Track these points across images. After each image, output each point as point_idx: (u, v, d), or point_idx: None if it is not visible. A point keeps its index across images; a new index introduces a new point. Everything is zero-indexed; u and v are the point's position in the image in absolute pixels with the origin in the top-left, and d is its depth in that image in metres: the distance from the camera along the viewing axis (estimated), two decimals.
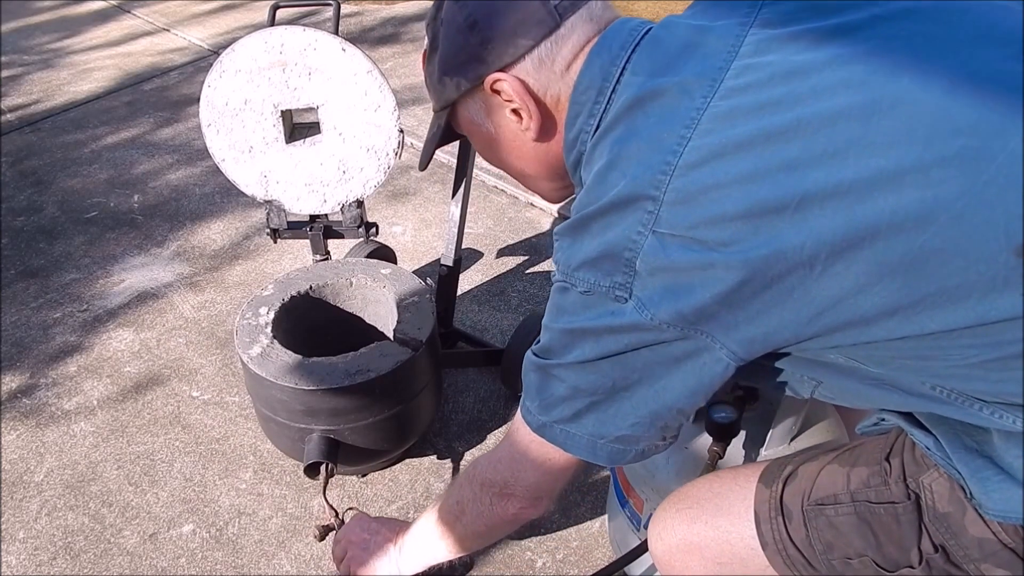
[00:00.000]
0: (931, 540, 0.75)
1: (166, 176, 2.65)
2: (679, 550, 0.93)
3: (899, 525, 0.77)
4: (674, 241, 0.67)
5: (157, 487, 1.63)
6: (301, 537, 1.52)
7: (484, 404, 1.79)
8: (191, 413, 1.80)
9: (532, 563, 1.46)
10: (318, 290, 1.57)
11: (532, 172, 0.93)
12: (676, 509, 0.95)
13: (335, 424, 1.38)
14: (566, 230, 0.77)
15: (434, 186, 2.55)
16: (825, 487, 0.83)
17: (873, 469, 0.80)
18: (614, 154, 0.73)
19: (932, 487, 0.75)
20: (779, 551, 0.85)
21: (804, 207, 0.62)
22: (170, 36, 3.68)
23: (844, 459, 0.84)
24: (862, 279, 0.63)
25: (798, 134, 0.64)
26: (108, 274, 2.23)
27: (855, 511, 0.80)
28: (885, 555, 0.78)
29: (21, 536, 1.54)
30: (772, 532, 0.86)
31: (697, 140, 0.67)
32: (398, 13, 3.80)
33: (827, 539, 0.81)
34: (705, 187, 0.66)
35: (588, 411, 0.80)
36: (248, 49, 1.48)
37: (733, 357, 0.71)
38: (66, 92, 3.21)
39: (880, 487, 0.79)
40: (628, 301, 0.71)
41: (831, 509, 0.82)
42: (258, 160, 1.57)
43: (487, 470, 0.97)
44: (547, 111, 0.83)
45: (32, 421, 1.79)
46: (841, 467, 0.83)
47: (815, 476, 0.85)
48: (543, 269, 2.19)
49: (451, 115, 0.91)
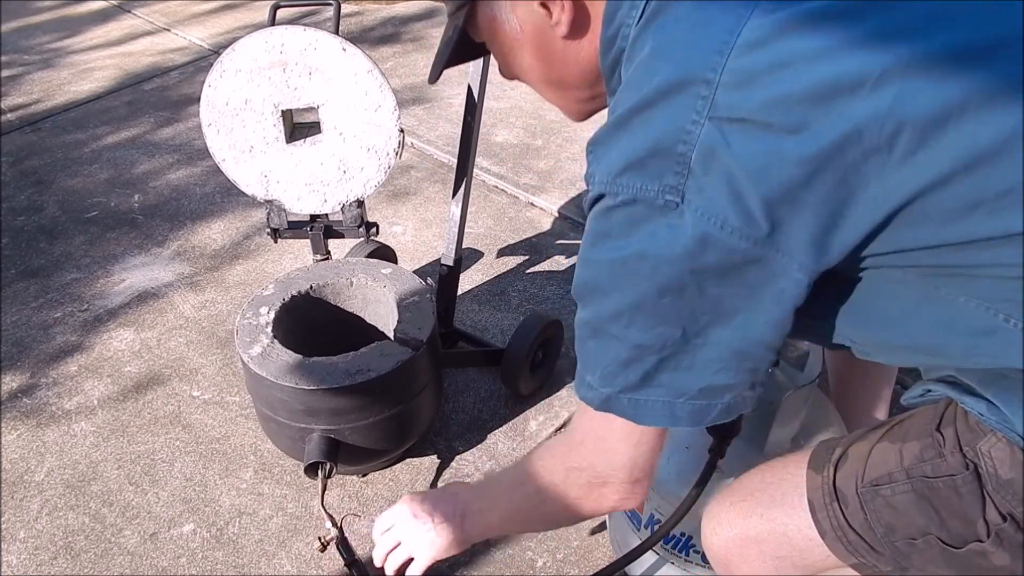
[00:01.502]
0: (997, 509, 0.70)
1: (166, 176, 2.65)
2: (736, 545, 0.89)
3: (960, 497, 0.73)
4: (735, 128, 0.59)
5: (158, 487, 1.63)
6: (302, 537, 1.52)
7: (484, 404, 1.79)
8: (191, 413, 1.80)
9: (532, 563, 1.46)
10: (318, 290, 1.57)
11: (558, 77, 0.82)
12: (729, 503, 0.91)
13: (335, 424, 1.38)
14: (601, 136, 0.67)
15: (434, 186, 2.55)
16: (878, 466, 0.79)
17: (925, 442, 0.76)
18: (659, 40, 0.65)
19: (991, 453, 0.70)
20: (839, 538, 0.81)
21: (883, 83, 0.56)
22: (170, 36, 3.68)
23: (894, 435, 0.80)
24: (945, 165, 0.56)
25: (874, 6, 0.58)
26: (108, 274, 2.23)
27: (912, 488, 0.75)
28: (950, 530, 0.74)
29: (22, 536, 1.55)
30: (829, 519, 0.82)
31: (758, 18, 0.60)
32: (398, 13, 3.80)
33: (887, 520, 0.77)
34: (769, 66, 0.58)
35: (659, 370, 0.70)
36: (248, 49, 1.48)
37: (806, 270, 0.63)
38: (66, 92, 3.21)
39: (935, 460, 0.74)
40: (682, 209, 0.61)
41: (887, 489, 0.77)
42: (258, 160, 1.57)
43: (570, 455, 0.85)
44: (580, 3, 0.74)
45: (32, 421, 1.79)
46: (892, 444, 0.79)
47: (866, 456, 0.81)
48: (543, 269, 2.19)
49: (469, 17, 0.81)
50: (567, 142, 2.73)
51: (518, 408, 1.77)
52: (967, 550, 0.74)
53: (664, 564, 1.24)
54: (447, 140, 2.76)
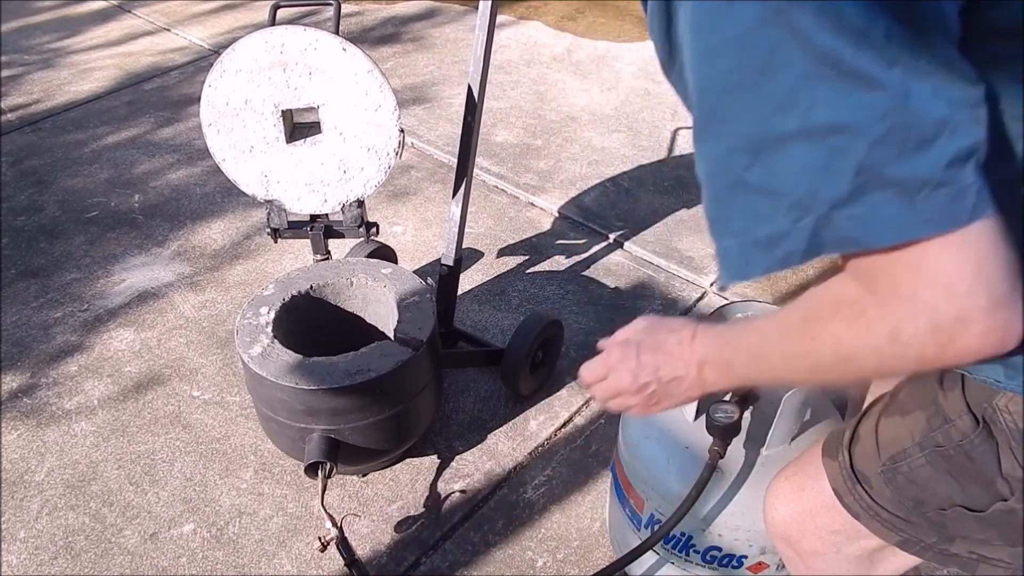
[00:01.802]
0: (1019, 463, 0.69)
1: (167, 176, 2.65)
2: (795, 520, 0.90)
3: (973, 461, 0.73)
4: None
5: (158, 487, 1.63)
6: (302, 537, 1.53)
7: (484, 404, 1.79)
8: (192, 413, 1.80)
9: (532, 563, 1.46)
10: (319, 290, 1.57)
11: None
12: (785, 477, 0.92)
13: (336, 424, 1.38)
14: None
15: (434, 186, 2.55)
16: (891, 443, 0.79)
17: (929, 412, 0.76)
18: None
19: (1009, 408, 0.69)
20: (874, 518, 0.82)
21: None
22: (170, 36, 3.68)
23: (895, 408, 0.80)
24: None
25: None
26: (109, 274, 2.23)
27: (927, 460, 0.75)
28: (972, 496, 0.74)
29: (22, 536, 1.55)
30: (858, 503, 0.82)
31: None
32: (398, 13, 3.80)
33: (913, 495, 0.78)
34: None
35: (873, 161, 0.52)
36: (249, 49, 1.48)
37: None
38: (67, 92, 3.21)
39: (944, 427, 0.74)
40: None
41: (904, 465, 0.77)
42: (259, 160, 1.57)
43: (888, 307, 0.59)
44: None
45: (33, 421, 1.79)
46: (898, 417, 0.79)
47: (875, 432, 0.81)
48: (543, 269, 2.19)
49: None
50: (567, 142, 2.73)
51: (518, 408, 1.77)
52: (993, 511, 0.74)
53: (664, 564, 1.24)
54: (447, 140, 2.76)
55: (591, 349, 1.96)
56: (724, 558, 1.15)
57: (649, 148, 2.69)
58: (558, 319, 1.76)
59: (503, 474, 1.63)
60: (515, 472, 1.64)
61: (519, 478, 1.62)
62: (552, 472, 1.63)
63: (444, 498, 1.59)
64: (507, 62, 3.26)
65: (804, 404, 1.12)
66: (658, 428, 1.18)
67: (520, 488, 1.60)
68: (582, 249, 2.25)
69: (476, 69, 1.56)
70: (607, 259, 2.21)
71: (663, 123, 2.83)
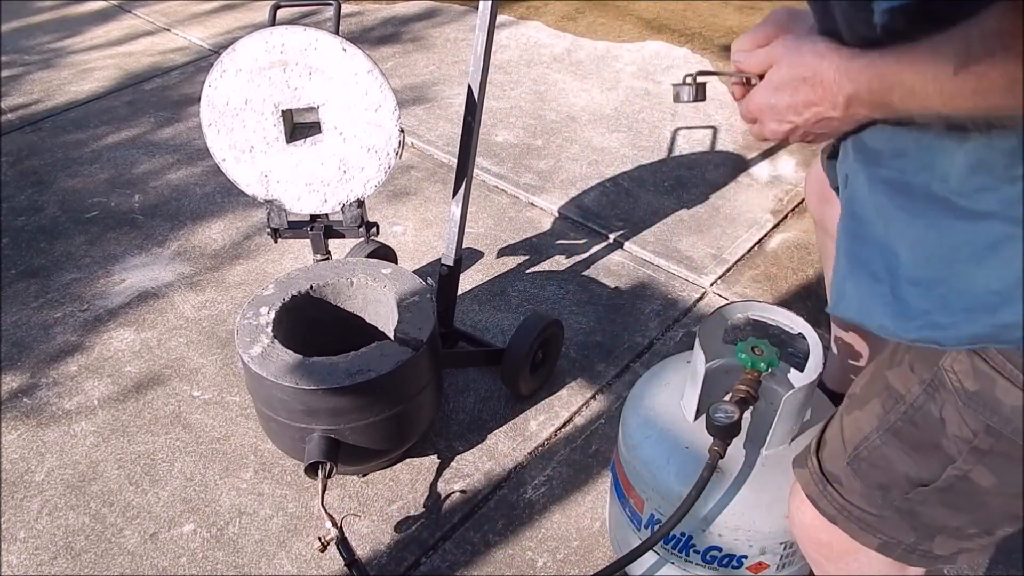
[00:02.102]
0: (969, 426, 0.73)
1: (167, 176, 2.65)
2: (821, 521, 0.91)
3: (918, 427, 0.76)
4: None
5: (158, 487, 1.63)
6: (302, 537, 1.53)
7: (485, 404, 1.79)
8: (192, 413, 1.80)
9: (532, 563, 1.46)
10: (319, 290, 1.57)
11: None
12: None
13: (336, 424, 1.38)
14: None
15: (435, 186, 2.55)
16: (854, 436, 0.83)
17: (882, 396, 0.80)
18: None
19: (953, 367, 0.72)
20: (848, 518, 0.85)
21: None
22: (171, 36, 3.68)
23: (853, 404, 0.84)
24: None
25: None
26: (109, 274, 2.23)
27: (882, 441, 0.80)
28: (924, 467, 0.77)
29: (22, 536, 1.55)
30: (831, 504, 0.85)
31: None
32: (398, 13, 3.80)
33: (877, 480, 0.81)
34: None
35: None
36: (249, 49, 1.48)
37: None
38: (67, 92, 3.21)
39: (896, 406, 0.78)
40: None
41: (865, 450, 0.81)
42: (259, 160, 1.57)
43: None
44: None
45: (33, 421, 1.80)
46: (859, 411, 0.82)
47: (840, 432, 0.84)
48: (544, 269, 2.19)
49: None
50: (567, 142, 2.73)
51: (518, 408, 1.77)
52: (948, 477, 0.76)
53: (664, 564, 1.24)
54: (447, 140, 2.76)
55: (591, 349, 1.97)
56: (724, 558, 1.15)
57: (649, 148, 2.69)
58: (558, 319, 1.76)
59: (503, 474, 1.63)
60: (515, 472, 1.64)
61: (519, 478, 1.62)
62: (552, 472, 1.63)
63: (444, 498, 1.59)
64: (507, 62, 3.26)
65: (804, 404, 1.12)
66: (658, 428, 1.18)
67: (520, 488, 1.60)
68: (582, 249, 2.26)
69: (476, 69, 1.56)
70: (607, 259, 2.21)
71: (663, 123, 2.83)
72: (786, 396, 1.05)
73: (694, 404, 1.16)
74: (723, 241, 2.26)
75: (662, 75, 3.11)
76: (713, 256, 2.20)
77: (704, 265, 2.17)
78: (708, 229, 2.31)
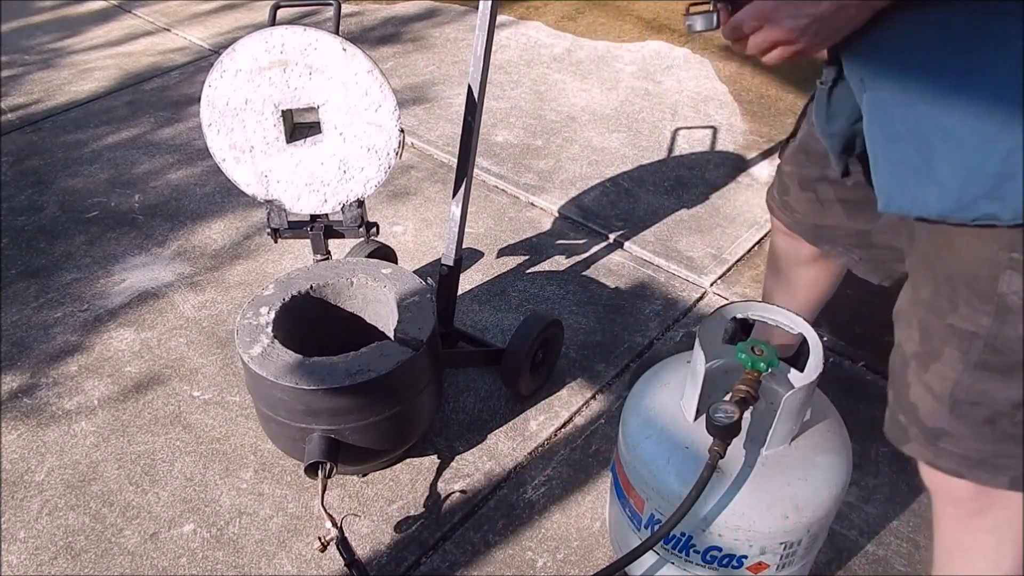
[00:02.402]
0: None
1: (167, 176, 2.65)
2: (944, 482, 0.96)
3: (1002, 354, 0.83)
4: None
5: (158, 487, 1.63)
6: (302, 537, 1.53)
7: (485, 404, 1.79)
8: (192, 413, 1.80)
9: (532, 563, 1.46)
10: (319, 290, 1.57)
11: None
12: None
13: (336, 424, 1.38)
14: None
15: (435, 186, 2.55)
16: (945, 386, 0.89)
17: (953, 342, 0.86)
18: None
19: (1011, 289, 0.79)
20: (974, 466, 0.90)
21: None
22: (171, 36, 3.68)
23: (925, 360, 0.91)
24: None
25: None
26: (109, 274, 2.23)
27: (973, 378, 0.86)
28: (1021, 385, 0.84)
29: (22, 536, 1.55)
30: (950, 459, 0.91)
31: None
32: (398, 13, 3.80)
33: (983, 416, 0.88)
34: None
35: None
36: (249, 49, 1.48)
37: None
38: (67, 92, 3.21)
39: (973, 343, 0.85)
40: None
41: (961, 393, 0.87)
42: (259, 160, 1.57)
43: None
44: None
45: (33, 421, 1.80)
46: (937, 364, 0.89)
47: (928, 390, 0.91)
48: (543, 269, 2.19)
49: None
50: (567, 142, 2.73)
51: (518, 408, 1.77)
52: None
53: (664, 564, 1.24)
54: (447, 140, 2.76)
55: (591, 349, 1.97)
56: (724, 558, 1.15)
57: (649, 148, 2.69)
58: (558, 319, 1.76)
59: (503, 474, 1.63)
60: (515, 472, 1.64)
61: (519, 478, 1.62)
62: (552, 472, 1.63)
63: (444, 498, 1.59)
64: (507, 62, 3.26)
65: (804, 404, 1.12)
66: (658, 428, 1.18)
67: (520, 488, 1.60)
68: (582, 249, 2.26)
69: (476, 69, 1.56)
70: (607, 259, 2.21)
71: (663, 123, 2.83)
72: (786, 396, 1.05)
73: (694, 404, 1.16)
74: (723, 241, 2.26)
75: (662, 75, 3.11)
76: (713, 256, 2.21)
77: (704, 265, 2.17)
78: (708, 229, 2.31)
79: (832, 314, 2.01)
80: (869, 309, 2.02)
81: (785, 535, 1.11)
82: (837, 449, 1.16)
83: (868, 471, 1.61)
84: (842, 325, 1.97)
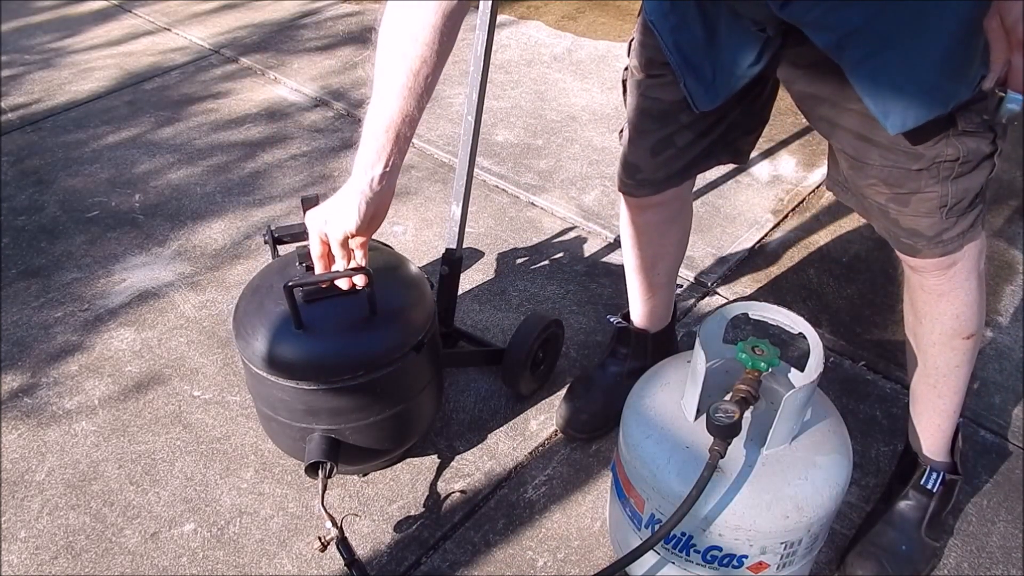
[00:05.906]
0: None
1: (167, 175, 2.65)
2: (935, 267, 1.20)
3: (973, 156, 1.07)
4: None
5: (158, 486, 1.63)
6: (302, 536, 1.53)
7: (485, 403, 1.79)
8: (192, 412, 1.80)
9: (533, 563, 1.46)
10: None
11: None
12: None
13: (336, 423, 1.38)
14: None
15: (435, 185, 2.55)
16: (938, 201, 1.11)
17: (925, 178, 1.08)
18: None
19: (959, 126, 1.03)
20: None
21: None
22: (171, 35, 3.68)
23: (901, 204, 1.13)
24: None
25: None
26: (109, 273, 2.23)
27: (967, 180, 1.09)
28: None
29: (22, 535, 1.55)
30: (946, 246, 1.15)
31: None
32: None
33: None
34: None
35: None
36: None
37: None
38: (67, 91, 3.21)
39: (946, 164, 1.07)
40: None
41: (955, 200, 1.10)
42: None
43: None
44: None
45: (33, 420, 1.80)
46: (916, 196, 1.11)
47: (919, 217, 1.13)
48: (544, 268, 2.19)
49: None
50: (568, 142, 2.73)
51: (518, 408, 1.77)
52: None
53: (664, 564, 1.24)
54: (447, 140, 2.76)
55: (591, 349, 1.97)
56: (724, 558, 1.15)
57: None
58: (559, 319, 1.76)
59: (503, 474, 1.63)
60: (515, 472, 1.64)
61: (519, 478, 1.63)
62: (553, 472, 1.63)
63: (444, 498, 1.59)
64: (507, 62, 3.26)
65: (804, 404, 1.12)
66: (658, 428, 1.18)
67: (520, 488, 1.60)
68: (583, 249, 2.26)
69: (476, 69, 1.56)
70: (607, 259, 2.21)
71: None
72: (787, 396, 1.05)
73: (694, 404, 1.16)
74: (723, 241, 2.26)
75: None
76: (713, 256, 2.21)
77: (704, 265, 2.17)
78: (708, 229, 2.31)
79: (832, 314, 2.01)
80: (869, 309, 2.02)
81: (786, 535, 1.11)
82: (837, 449, 1.16)
83: (868, 471, 1.61)
84: (842, 325, 1.97)
